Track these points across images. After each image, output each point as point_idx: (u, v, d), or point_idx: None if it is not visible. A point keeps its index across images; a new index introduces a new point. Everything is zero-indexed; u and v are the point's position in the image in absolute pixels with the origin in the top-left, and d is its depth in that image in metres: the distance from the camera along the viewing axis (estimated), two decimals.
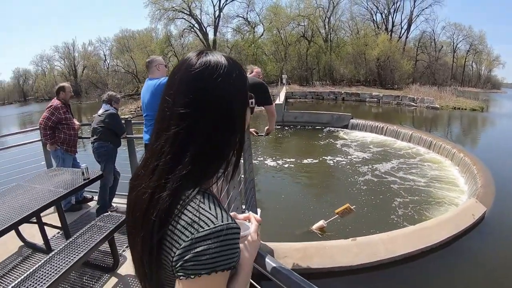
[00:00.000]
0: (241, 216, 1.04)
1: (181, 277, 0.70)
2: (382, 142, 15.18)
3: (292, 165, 12.08)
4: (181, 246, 0.70)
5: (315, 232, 6.74)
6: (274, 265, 1.17)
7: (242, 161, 4.18)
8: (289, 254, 5.23)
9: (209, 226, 0.71)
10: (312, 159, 12.64)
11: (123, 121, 5.14)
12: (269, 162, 12.23)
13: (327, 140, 15.96)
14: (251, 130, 4.60)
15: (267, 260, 1.20)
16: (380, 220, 7.38)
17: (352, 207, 6.42)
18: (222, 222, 0.72)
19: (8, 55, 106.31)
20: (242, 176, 4.22)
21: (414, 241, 5.69)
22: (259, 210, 4.85)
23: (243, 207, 4.09)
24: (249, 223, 0.99)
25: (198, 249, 0.69)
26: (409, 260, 5.40)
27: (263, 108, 4.27)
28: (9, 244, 3.92)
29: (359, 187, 9.64)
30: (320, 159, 12.73)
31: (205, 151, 0.80)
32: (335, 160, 12.56)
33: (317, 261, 5.15)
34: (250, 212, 1.03)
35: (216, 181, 0.86)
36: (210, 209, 0.74)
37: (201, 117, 0.79)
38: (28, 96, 66.52)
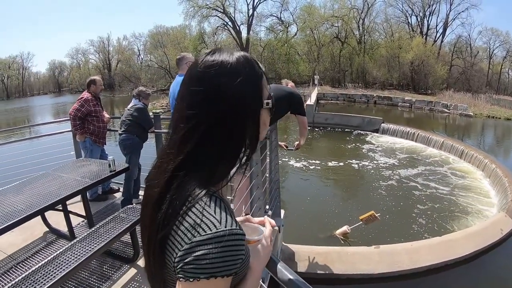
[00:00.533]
0: (256, 219, 1.02)
1: (180, 279, 0.68)
2: (412, 148, 14.82)
3: (319, 167, 11.99)
4: (183, 248, 0.69)
5: (338, 237, 6.66)
6: (286, 272, 1.14)
7: (268, 160, 4.17)
8: (310, 257, 5.19)
9: (211, 230, 0.68)
10: (339, 162, 12.50)
11: (152, 116, 5.21)
12: (296, 163, 12.15)
13: (356, 144, 15.72)
14: (281, 143, 4.62)
15: (279, 266, 1.16)
16: (404, 229, 7.23)
17: (377, 215, 6.31)
18: (225, 227, 0.69)
19: (44, 48, 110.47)
20: (267, 175, 4.20)
21: (439, 253, 5.54)
22: (282, 211, 4.82)
23: (267, 207, 4.07)
24: (263, 228, 0.97)
25: (198, 253, 0.67)
26: (432, 272, 5.29)
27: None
28: (34, 229, 4.05)
29: (385, 194, 9.47)
30: (348, 162, 12.57)
31: (212, 153, 0.78)
32: (363, 165, 12.37)
33: (337, 266, 5.09)
34: (266, 216, 1.01)
35: (225, 184, 0.84)
36: (215, 212, 0.72)
37: (207, 118, 0.77)
38: (62, 87, 69.00)
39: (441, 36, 43.62)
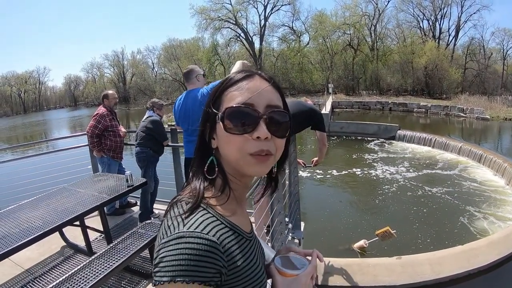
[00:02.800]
0: (301, 250, 0.90)
1: (156, 284, 0.64)
2: (430, 154, 14.60)
3: (336, 177, 11.86)
4: (155, 251, 0.67)
5: (356, 250, 6.54)
6: None
7: (287, 172, 4.08)
8: (330, 269, 5.06)
9: (171, 233, 0.66)
10: (356, 171, 12.36)
11: (168, 129, 5.16)
12: (312, 174, 12.01)
13: (372, 152, 15.52)
14: (299, 161, 4.51)
15: None
16: (424, 238, 7.08)
17: (392, 232, 6.15)
18: (188, 229, 0.66)
19: (60, 62, 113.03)
20: (287, 188, 4.11)
21: (462, 262, 5.35)
22: (302, 224, 4.72)
23: (286, 219, 3.98)
24: (306, 262, 0.84)
25: (160, 255, 0.64)
26: (455, 283, 5.08)
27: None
28: (52, 243, 4.01)
29: (403, 202, 9.33)
30: (365, 171, 12.41)
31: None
32: (380, 173, 12.19)
33: (359, 278, 4.94)
34: (315, 250, 0.89)
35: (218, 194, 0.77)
36: (186, 217, 0.69)
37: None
38: (78, 101, 70.54)
39: (454, 39, 43.01)
